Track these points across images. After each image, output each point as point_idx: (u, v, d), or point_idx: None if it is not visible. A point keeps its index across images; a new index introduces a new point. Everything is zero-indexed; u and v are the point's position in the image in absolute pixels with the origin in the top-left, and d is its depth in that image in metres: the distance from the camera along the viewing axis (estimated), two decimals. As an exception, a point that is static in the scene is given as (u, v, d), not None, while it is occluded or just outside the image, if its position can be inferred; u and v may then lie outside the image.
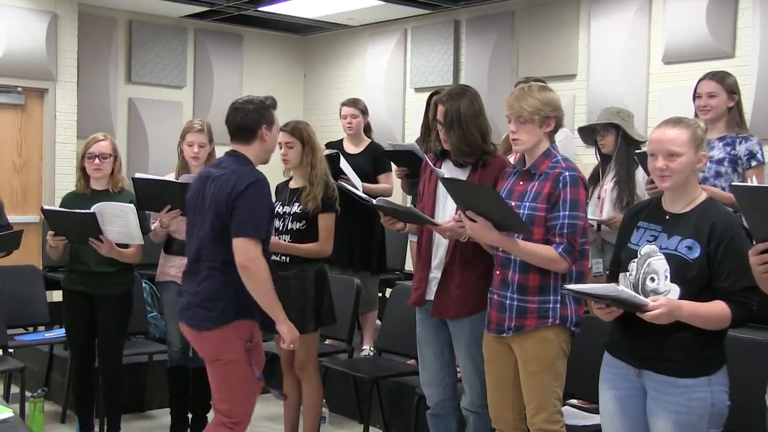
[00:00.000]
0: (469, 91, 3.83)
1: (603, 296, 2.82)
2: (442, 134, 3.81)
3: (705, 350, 2.89)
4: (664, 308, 2.74)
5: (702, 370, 2.88)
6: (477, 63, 8.68)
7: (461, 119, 3.73)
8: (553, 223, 3.38)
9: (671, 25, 7.15)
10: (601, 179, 4.95)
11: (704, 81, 4.45)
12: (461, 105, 3.74)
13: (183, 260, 4.81)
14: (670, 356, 2.89)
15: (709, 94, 4.39)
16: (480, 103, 3.82)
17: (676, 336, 2.87)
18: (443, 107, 3.78)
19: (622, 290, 2.78)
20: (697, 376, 2.88)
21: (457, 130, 3.74)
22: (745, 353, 3.42)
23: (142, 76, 9.55)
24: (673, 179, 2.93)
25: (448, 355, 3.97)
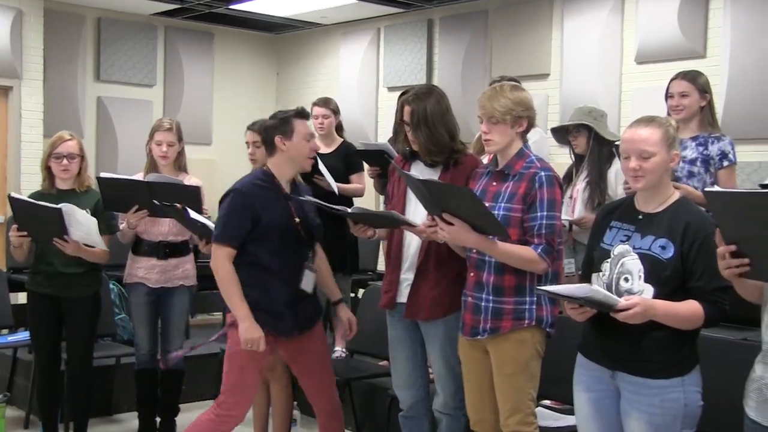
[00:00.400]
0: (435, 91, 3.80)
1: (576, 297, 2.79)
2: (410, 135, 3.77)
3: (680, 350, 2.88)
4: (638, 308, 2.72)
5: (676, 371, 2.87)
6: (450, 62, 8.67)
7: (428, 119, 3.70)
8: (530, 224, 3.34)
9: (644, 25, 7.16)
10: (574, 179, 4.93)
11: (676, 80, 4.43)
12: (428, 105, 3.71)
13: (151, 261, 4.82)
14: (645, 357, 2.87)
15: (681, 94, 4.37)
16: (447, 102, 3.79)
17: (650, 336, 2.85)
18: (409, 107, 3.74)
19: (596, 290, 2.76)
20: (670, 377, 2.86)
21: (424, 130, 3.71)
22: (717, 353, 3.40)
23: (111, 75, 9.44)
24: (647, 179, 2.91)
25: (421, 356, 3.93)
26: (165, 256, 4.84)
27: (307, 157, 3.95)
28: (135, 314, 4.97)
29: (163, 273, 4.85)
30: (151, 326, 4.94)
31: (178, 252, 4.90)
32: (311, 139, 3.98)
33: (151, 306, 4.89)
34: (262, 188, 3.88)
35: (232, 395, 3.87)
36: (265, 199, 3.86)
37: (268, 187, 3.90)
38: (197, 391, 5.82)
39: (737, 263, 2.36)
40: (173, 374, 4.99)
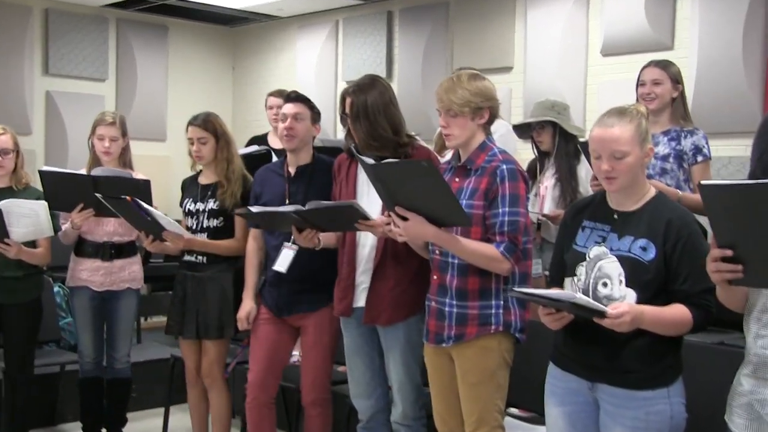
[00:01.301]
0: (378, 82, 3.62)
1: (558, 301, 2.57)
2: (351, 128, 3.59)
3: (664, 359, 2.68)
4: (628, 315, 2.51)
5: (660, 381, 2.67)
6: (411, 55, 8.52)
7: (368, 111, 3.52)
8: (492, 221, 3.12)
9: (610, 17, 7.03)
10: (539, 175, 4.73)
11: (648, 68, 4.22)
12: (368, 96, 3.53)
13: (96, 263, 4.58)
14: (628, 367, 2.67)
15: (654, 81, 4.15)
16: (391, 94, 3.61)
17: (633, 344, 2.65)
18: (350, 99, 3.57)
19: (579, 296, 2.54)
20: (655, 388, 2.66)
21: (364, 123, 3.52)
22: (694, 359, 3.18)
23: (60, 68, 9.16)
24: (621, 181, 2.70)
25: (379, 363, 3.73)
26: (110, 258, 4.60)
27: (282, 135, 3.97)
28: (78, 319, 4.71)
29: (108, 275, 4.61)
30: (96, 332, 4.69)
31: (124, 253, 4.65)
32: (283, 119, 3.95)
33: (95, 310, 4.65)
34: (272, 170, 4.07)
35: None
36: (269, 180, 4.01)
37: (276, 169, 4.05)
38: (148, 399, 5.59)
39: (729, 268, 2.14)
40: (119, 383, 4.75)
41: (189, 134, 4.26)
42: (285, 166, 4.01)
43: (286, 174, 3.98)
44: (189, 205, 4.32)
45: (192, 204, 4.31)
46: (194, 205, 4.30)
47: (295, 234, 3.55)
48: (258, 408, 4.03)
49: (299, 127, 3.92)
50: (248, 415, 4.05)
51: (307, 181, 3.93)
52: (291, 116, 3.92)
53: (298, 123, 3.92)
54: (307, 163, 3.99)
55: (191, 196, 4.35)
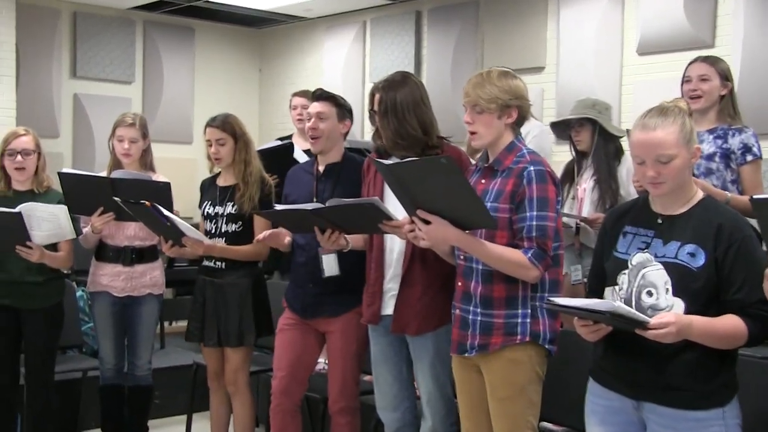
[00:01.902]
0: (410, 79, 3.46)
1: (596, 312, 2.39)
2: (378, 125, 3.44)
3: (718, 376, 2.49)
4: (673, 327, 2.32)
5: (716, 401, 2.47)
6: (439, 56, 8.40)
7: (397, 108, 3.35)
8: (519, 225, 2.95)
9: (646, 14, 6.87)
10: (577, 178, 4.54)
11: (694, 64, 4.00)
12: (398, 93, 3.37)
13: (116, 268, 4.47)
14: (677, 384, 2.48)
15: (701, 77, 3.92)
16: (422, 92, 3.44)
17: (681, 359, 2.47)
18: (379, 95, 3.42)
19: (619, 306, 2.36)
20: (710, 408, 2.47)
21: (392, 120, 3.36)
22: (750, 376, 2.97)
23: (87, 71, 9.15)
24: (668, 185, 2.52)
25: (407, 375, 3.57)
26: (131, 262, 4.49)
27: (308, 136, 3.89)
28: (99, 325, 4.60)
29: (129, 280, 4.49)
30: (117, 338, 4.58)
31: (145, 258, 4.54)
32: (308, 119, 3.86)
33: (116, 316, 4.54)
34: (303, 169, 4.00)
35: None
36: (298, 179, 3.93)
37: (306, 168, 3.97)
38: (170, 406, 5.49)
39: None
40: (141, 390, 4.64)
41: (207, 135, 4.17)
42: (315, 165, 3.90)
43: (315, 172, 3.87)
44: (208, 209, 4.22)
45: (211, 207, 4.21)
46: (213, 209, 4.20)
47: (318, 235, 3.42)
48: (282, 415, 3.91)
49: (323, 127, 3.80)
50: (272, 422, 3.94)
51: (335, 180, 3.81)
52: (315, 115, 3.81)
53: (322, 122, 3.80)
54: (337, 161, 3.87)
55: (210, 198, 4.25)
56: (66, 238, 4.21)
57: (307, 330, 3.89)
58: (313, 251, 3.71)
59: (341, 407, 3.86)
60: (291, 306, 3.92)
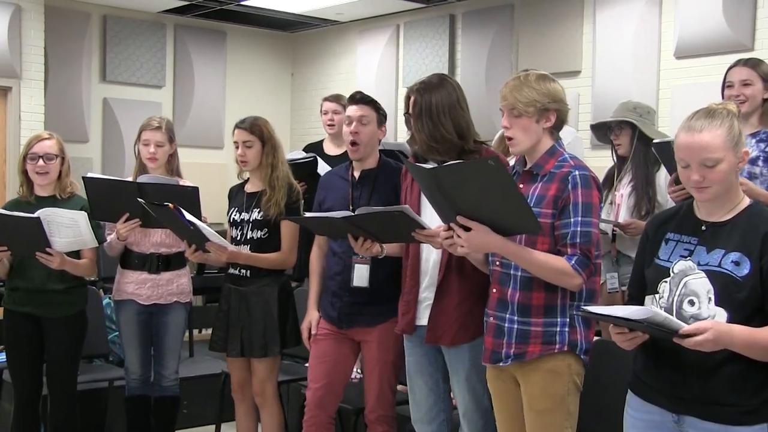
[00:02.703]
0: (447, 82, 3.37)
1: (632, 321, 2.29)
2: (413, 128, 3.35)
3: (763, 390, 2.38)
4: (710, 333, 2.23)
5: (761, 416, 2.37)
6: (474, 60, 8.28)
7: (431, 110, 3.27)
8: (563, 231, 2.86)
9: (684, 17, 6.72)
10: (616, 183, 4.41)
11: (736, 68, 3.89)
12: (434, 96, 3.29)
13: (142, 275, 4.40)
14: (721, 399, 2.38)
15: (743, 82, 3.83)
16: (459, 95, 3.35)
17: (724, 372, 2.37)
18: (414, 97, 3.34)
19: (657, 312, 2.26)
20: (755, 423, 2.37)
21: (427, 123, 3.27)
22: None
23: (117, 75, 9.11)
24: (714, 190, 2.42)
25: (443, 386, 3.49)
26: (157, 270, 4.41)
27: (347, 141, 3.79)
28: (124, 334, 4.52)
29: (155, 288, 4.41)
30: (143, 347, 4.50)
31: (172, 265, 4.45)
32: (349, 122, 3.76)
33: (142, 325, 4.46)
34: (338, 174, 3.92)
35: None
36: (333, 184, 3.87)
37: (341, 174, 3.89)
38: (199, 416, 5.44)
39: None
40: (167, 401, 4.56)
41: (235, 137, 4.10)
42: (350, 171, 3.83)
43: (350, 178, 3.79)
44: (234, 215, 4.16)
45: (237, 214, 4.15)
46: (239, 215, 4.13)
47: (351, 242, 3.33)
48: (316, 428, 3.84)
49: (365, 132, 3.74)
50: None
51: (371, 186, 3.74)
52: (356, 120, 3.73)
53: (364, 127, 3.73)
54: (373, 167, 3.79)
55: (237, 205, 4.18)
56: (87, 246, 4.14)
57: (342, 340, 3.82)
58: (349, 260, 3.65)
59: (378, 416, 3.80)
60: (327, 315, 3.84)
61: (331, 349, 3.82)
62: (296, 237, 4.10)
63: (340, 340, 3.81)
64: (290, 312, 4.14)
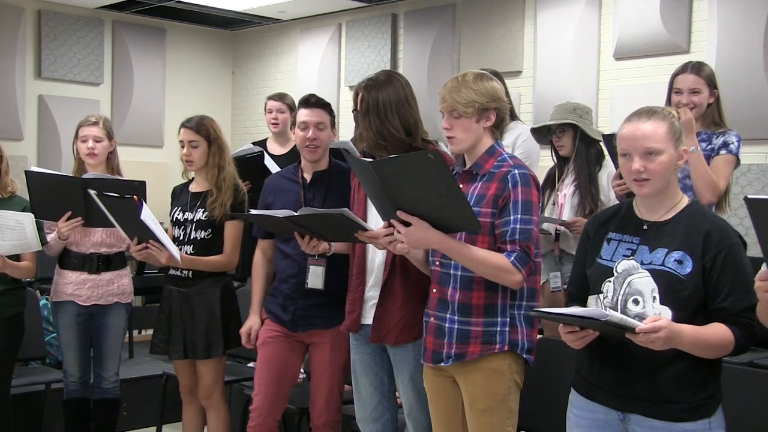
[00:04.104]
0: (395, 78, 3.35)
1: (589, 320, 2.31)
2: (360, 125, 3.33)
3: (705, 387, 2.43)
4: (663, 333, 2.25)
5: (703, 412, 2.42)
6: (416, 59, 8.30)
7: (379, 107, 3.25)
8: (503, 228, 2.86)
9: (623, 19, 6.80)
10: (558, 183, 4.45)
11: (684, 75, 3.88)
12: (381, 93, 3.27)
13: (81, 276, 4.31)
14: (666, 396, 2.42)
15: (692, 90, 3.83)
16: (408, 92, 3.33)
17: (670, 370, 2.41)
18: (362, 94, 3.32)
19: (612, 313, 2.28)
20: (697, 419, 2.41)
21: (374, 120, 3.25)
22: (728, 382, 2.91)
23: (53, 72, 8.92)
24: (654, 183, 2.46)
25: (388, 386, 3.48)
26: (98, 270, 4.33)
27: (303, 146, 3.73)
28: (63, 336, 4.42)
29: (95, 289, 4.33)
30: (82, 349, 4.41)
31: (112, 265, 4.38)
32: (305, 127, 3.70)
33: (81, 326, 4.37)
34: (285, 177, 3.85)
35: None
36: (280, 187, 3.80)
37: (289, 176, 3.83)
38: (139, 418, 5.36)
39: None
40: (107, 403, 4.47)
41: (180, 136, 4.03)
42: (299, 173, 3.79)
43: (301, 180, 3.76)
44: (177, 215, 4.08)
45: (180, 213, 4.08)
46: (183, 215, 4.06)
47: (298, 240, 3.34)
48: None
49: (323, 137, 3.71)
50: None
51: (324, 188, 3.72)
52: (313, 126, 3.69)
53: (322, 132, 3.71)
54: (324, 169, 3.77)
55: (181, 204, 4.11)
56: (31, 250, 4.06)
57: (291, 343, 3.78)
58: (304, 262, 3.62)
59: (326, 420, 3.77)
60: (277, 319, 3.78)
61: (280, 353, 3.78)
62: (239, 239, 4.05)
63: (288, 344, 3.78)
64: (233, 312, 4.09)
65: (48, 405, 5.02)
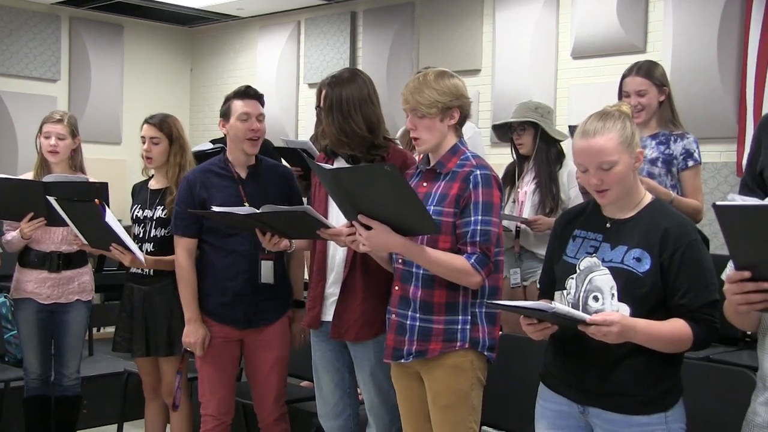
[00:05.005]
0: (359, 76, 3.36)
1: (536, 311, 2.37)
2: (323, 122, 3.34)
3: (662, 381, 2.47)
4: (615, 327, 2.29)
5: (658, 406, 2.46)
6: (375, 57, 8.29)
7: (342, 105, 3.26)
8: (463, 229, 2.90)
9: (580, 19, 6.86)
10: (518, 181, 4.51)
11: (631, 77, 3.95)
12: (344, 90, 3.28)
13: (42, 274, 4.29)
14: (621, 390, 2.46)
15: (639, 93, 3.90)
16: (371, 90, 3.34)
17: (627, 364, 2.45)
18: (325, 91, 3.33)
19: (557, 306, 2.33)
20: (652, 413, 2.45)
21: (337, 117, 3.26)
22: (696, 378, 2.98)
23: (9, 68, 8.78)
24: (614, 192, 2.49)
25: (349, 382, 3.50)
26: (58, 268, 4.31)
27: (246, 138, 3.65)
28: (24, 334, 4.41)
29: (56, 287, 4.33)
30: (43, 347, 4.40)
31: (73, 263, 4.37)
32: (247, 118, 3.63)
33: (42, 324, 4.36)
34: (213, 173, 3.72)
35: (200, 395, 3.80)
36: (213, 183, 3.68)
37: (219, 171, 3.72)
38: (100, 416, 5.33)
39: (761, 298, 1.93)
40: (68, 401, 4.47)
41: (143, 132, 4.04)
42: (230, 168, 3.72)
43: (234, 175, 3.71)
44: (137, 212, 4.07)
45: (140, 211, 4.06)
46: (142, 212, 4.05)
47: (260, 237, 3.33)
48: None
49: (263, 129, 3.72)
50: None
51: (260, 183, 3.71)
52: (256, 116, 3.68)
53: (261, 124, 3.71)
54: (254, 163, 3.76)
55: (140, 202, 4.10)
56: None
57: (235, 342, 3.77)
58: (254, 258, 3.62)
59: (277, 416, 3.79)
60: (224, 319, 3.72)
61: (227, 354, 3.76)
62: None
63: (231, 344, 3.76)
64: None
65: (6, 403, 4.98)
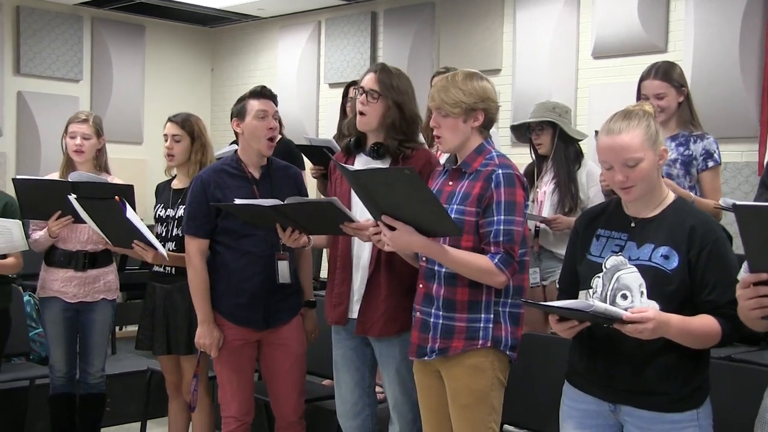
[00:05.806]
0: (404, 74, 3.41)
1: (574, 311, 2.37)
2: (366, 107, 3.32)
3: (693, 379, 2.49)
4: (651, 324, 2.31)
5: (691, 403, 2.48)
6: (395, 57, 8.24)
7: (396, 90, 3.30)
8: (486, 229, 2.90)
9: (601, 18, 6.86)
10: (536, 181, 4.51)
11: (649, 80, 3.93)
12: (398, 81, 3.33)
13: (68, 273, 4.33)
14: (654, 388, 2.48)
15: (658, 96, 3.88)
16: (412, 89, 3.39)
17: (658, 362, 2.46)
18: (376, 76, 3.33)
19: (596, 303, 2.34)
20: (685, 410, 2.47)
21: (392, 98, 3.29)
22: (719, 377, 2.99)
23: (32, 68, 8.85)
24: (639, 189, 2.51)
25: (369, 381, 3.51)
26: (84, 267, 4.35)
27: (264, 137, 3.64)
28: (50, 332, 4.44)
29: (82, 286, 4.36)
30: (69, 345, 4.43)
31: (99, 262, 4.40)
32: (264, 116, 3.63)
33: (68, 323, 4.39)
34: (226, 173, 3.69)
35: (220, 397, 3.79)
36: (226, 183, 3.66)
37: (232, 171, 3.69)
38: (124, 413, 5.36)
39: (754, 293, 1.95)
40: (93, 399, 4.50)
41: (165, 130, 4.07)
42: (243, 168, 3.71)
43: (248, 175, 3.71)
44: (160, 212, 4.10)
45: (163, 210, 4.09)
46: (165, 212, 4.08)
47: (280, 233, 3.34)
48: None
49: (278, 128, 3.75)
50: None
51: (273, 183, 3.72)
52: (272, 115, 3.70)
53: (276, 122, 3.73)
54: (265, 164, 3.77)
55: (163, 201, 4.12)
56: (17, 251, 4.08)
57: (253, 343, 3.77)
58: (270, 258, 3.63)
59: (300, 416, 3.81)
60: (245, 320, 3.69)
61: (246, 356, 3.76)
62: None
63: (249, 345, 3.76)
64: None
65: (32, 401, 5.02)
